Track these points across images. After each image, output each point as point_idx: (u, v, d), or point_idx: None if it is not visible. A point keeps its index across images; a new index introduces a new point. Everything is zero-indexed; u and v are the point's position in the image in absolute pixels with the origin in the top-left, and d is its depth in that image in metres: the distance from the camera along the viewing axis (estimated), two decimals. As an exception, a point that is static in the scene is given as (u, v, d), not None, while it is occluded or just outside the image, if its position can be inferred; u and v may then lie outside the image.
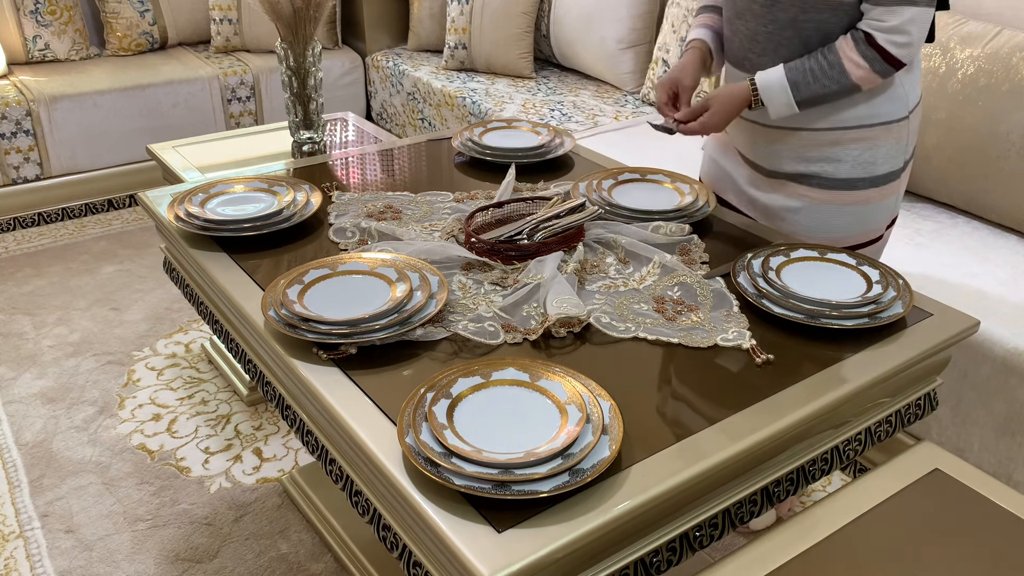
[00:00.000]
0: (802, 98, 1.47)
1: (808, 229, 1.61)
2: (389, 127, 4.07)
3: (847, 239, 1.61)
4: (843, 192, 1.56)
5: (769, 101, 1.49)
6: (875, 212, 1.60)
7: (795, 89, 1.46)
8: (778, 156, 1.60)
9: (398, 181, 1.82)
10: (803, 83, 1.46)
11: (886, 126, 1.52)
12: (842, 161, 1.54)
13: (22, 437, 2.28)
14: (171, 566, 1.89)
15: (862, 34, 1.43)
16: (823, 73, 1.45)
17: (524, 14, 3.60)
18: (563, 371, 1.12)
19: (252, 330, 1.31)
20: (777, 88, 1.48)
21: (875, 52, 1.42)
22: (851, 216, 1.59)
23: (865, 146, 1.53)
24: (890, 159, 1.55)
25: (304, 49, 2.13)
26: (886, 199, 1.59)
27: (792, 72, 1.47)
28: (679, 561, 1.07)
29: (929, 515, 1.17)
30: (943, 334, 1.29)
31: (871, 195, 1.57)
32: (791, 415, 1.11)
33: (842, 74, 1.44)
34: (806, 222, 1.61)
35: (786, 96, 1.47)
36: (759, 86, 1.49)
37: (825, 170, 1.56)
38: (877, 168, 1.55)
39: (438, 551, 0.96)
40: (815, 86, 1.46)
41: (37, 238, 3.37)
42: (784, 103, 1.48)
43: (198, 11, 3.95)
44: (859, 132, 1.52)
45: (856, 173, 1.55)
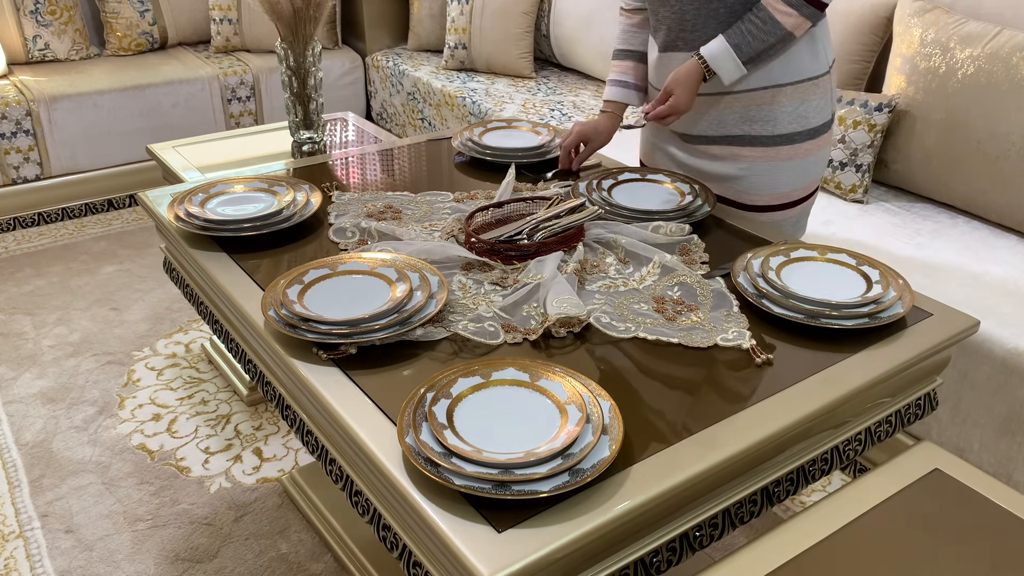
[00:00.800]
0: (747, 57, 1.58)
1: (755, 188, 1.71)
2: (389, 127, 4.07)
3: (792, 193, 1.73)
4: (783, 147, 1.68)
5: (719, 68, 1.59)
6: (813, 164, 1.72)
7: (739, 51, 1.57)
8: (722, 121, 1.69)
9: (398, 181, 1.82)
10: (744, 44, 1.57)
11: (813, 81, 1.66)
12: (778, 119, 1.66)
13: (22, 437, 2.28)
14: (171, 566, 1.89)
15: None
16: (759, 29, 1.56)
17: (524, 14, 3.60)
18: (563, 371, 1.12)
19: (252, 330, 1.31)
20: (723, 55, 1.58)
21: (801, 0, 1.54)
22: (793, 170, 1.70)
23: (797, 101, 1.65)
24: (820, 112, 1.69)
25: (304, 49, 2.13)
26: (822, 149, 1.72)
27: (732, 37, 1.58)
28: (679, 561, 1.07)
29: (929, 515, 1.17)
30: (943, 334, 1.29)
31: (809, 147, 1.69)
32: (791, 415, 1.11)
33: (776, 26, 1.55)
34: (754, 180, 1.71)
35: (733, 60, 1.58)
36: (707, 58, 1.59)
37: (764, 128, 1.67)
38: (810, 121, 1.67)
39: (438, 551, 0.96)
40: (755, 43, 1.57)
41: (37, 238, 3.37)
42: (733, 67, 1.59)
43: (198, 11, 3.95)
44: (791, 89, 1.64)
45: (792, 127, 1.67)
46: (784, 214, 1.75)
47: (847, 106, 2.48)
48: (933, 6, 2.43)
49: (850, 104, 2.48)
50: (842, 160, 2.49)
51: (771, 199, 1.72)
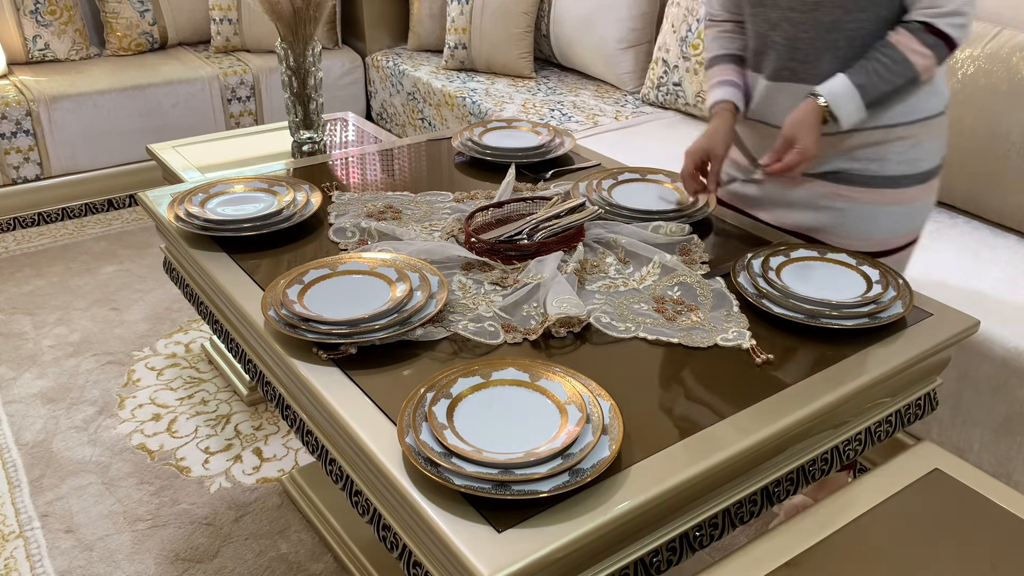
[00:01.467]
0: (871, 99, 1.43)
1: (849, 232, 1.56)
2: (389, 127, 4.07)
3: (890, 241, 1.56)
4: (886, 190, 1.52)
5: (839, 110, 1.43)
6: (918, 212, 1.57)
7: (863, 92, 1.42)
8: (823, 156, 1.53)
9: (398, 181, 1.82)
10: (870, 85, 1.42)
11: (927, 122, 1.51)
12: (886, 159, 1.51)
13: (22, 437, 2.28)
14: (171, 566, 1.89)
15: (918, 24, 1.40)
16: (887, 70, 1.41)
17: (524, 14, 3.60)
18: (563, 371, 1.12)
19: (252, 330, 1.31)
20: (846, 96, 1.42)
21: (936, 38, 1.40)
22: (894, 217, 1.55)
23: (909, 143, 1.51)
24: (932, 155, 1.54)
25: (304, 49, 2.13)
26: (928, 196, 1.56)
27: (857, 76, 1.42)
28: (679, 561, 1.07)
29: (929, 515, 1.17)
30: (943, 334, 1.29)
31: (915, 193, 1.54)
32: (791, 415, 1.11)
33: (907, 67, 1.41)
34: (849, 225, 1.55)
35: (856, 102, 1.43)
36: (828, 99, 1.43)
37: (868, 167, 1.52)
38: (921, 164, 1.52)
39: (438, 551, 0.96)
40: (882, 85, 1.42)
41: (37, 238, 3.37)
42: (855, 109, 1.43)
43: (198, 11, 3.95)
44: (904, 130, 1.50)
45: (901, 170, 1.51)
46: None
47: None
48: (933, 6, 2.43)
49: (850, 104, 2.47)
50: (842, 160, 2.49)
51: (865, 245, 1.55)
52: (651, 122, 3.15)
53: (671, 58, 3.17)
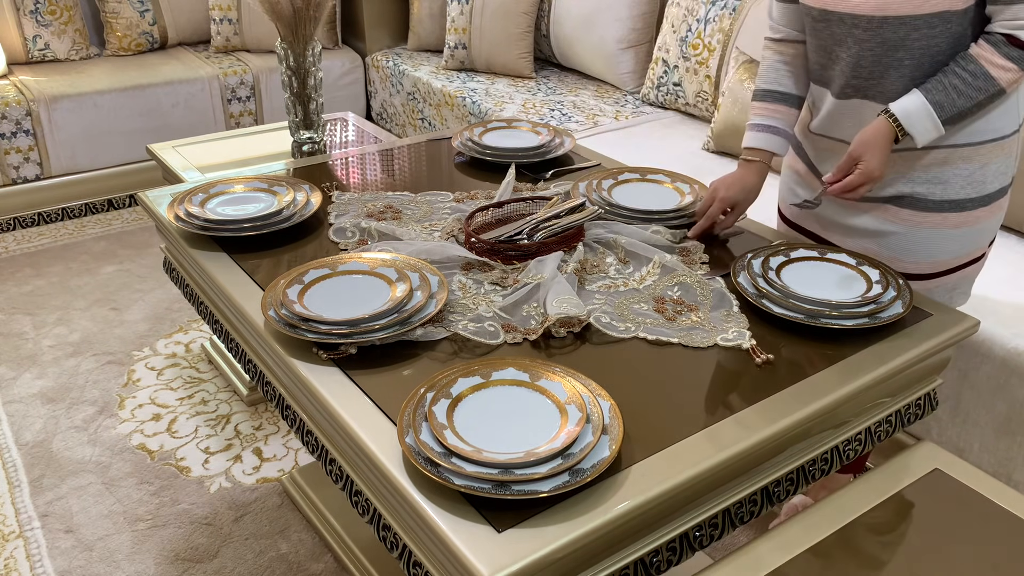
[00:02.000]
0: (948, 117, 1.35)
1: (909, 254, 1.49)
2: (389, 127, 4.07)
3: (952, 261, 1.50)
4: (950, 214, 1.44)
5: (913, 129, 1.35)
6: (983, 232, 1.49)
7: (940, 110, 1.34)
8: (884, 182, 1.47)
9: (398, 181, 1.82)
10: (947, 102, 1.34)
11: (997, 142, 1.42)
12: (950, 182, 1.43)
13: (22, 437, 2.28)
14: (171, 566, 1.89)
15: (1000, 36, 1.32)
16: (968, 85, 1.33)
17: (524, 14, 3.60)
18: (563, 371, 1.12)
19: (252, 330, 1.31)
20: (920, 114, 1.35)
21: (1021, 51, 1.32)
22: (958, 240, 1.47)
23: (976, 165, 1.42)
24: (1000, 176, 1.45)
25: (304, 49, 2.13)
26: (995, 216, 1.48)
27: (933, 93, 1.34)
28: (679, 561, 1.07)
29: (929, 515, 1.17)
30: (943, 334, 1.29)
31: (980, 215, 1.45)
32: (791, 415, 1.11)
33: (989, 81, 1.32)
34: (910, 246, 1.49)
35: (932, 120, 1.35)
36: (900, 117, 1.36)
37: (931, 191, 1.44)
38: (987, 186, 1.44)
39: (438, 551, 0.96)
40: (961, 101, 1.33)
41: (37, 238, 3.37)
42: (931, 127, 1.35)
43: (198, 11, 3.95)
44: (969, 150, 1.41)
45: (965, 193, 1.43)
46: (937, 281, 1.51)
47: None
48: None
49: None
50: (842, 160, 2.49)
51: (927, 267, 1.49)
52: (651, 122, 3.15)
53: (671, 58, 3.17)
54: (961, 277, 1.53)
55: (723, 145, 2.81)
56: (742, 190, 1.54)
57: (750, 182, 1.55)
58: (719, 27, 2.99)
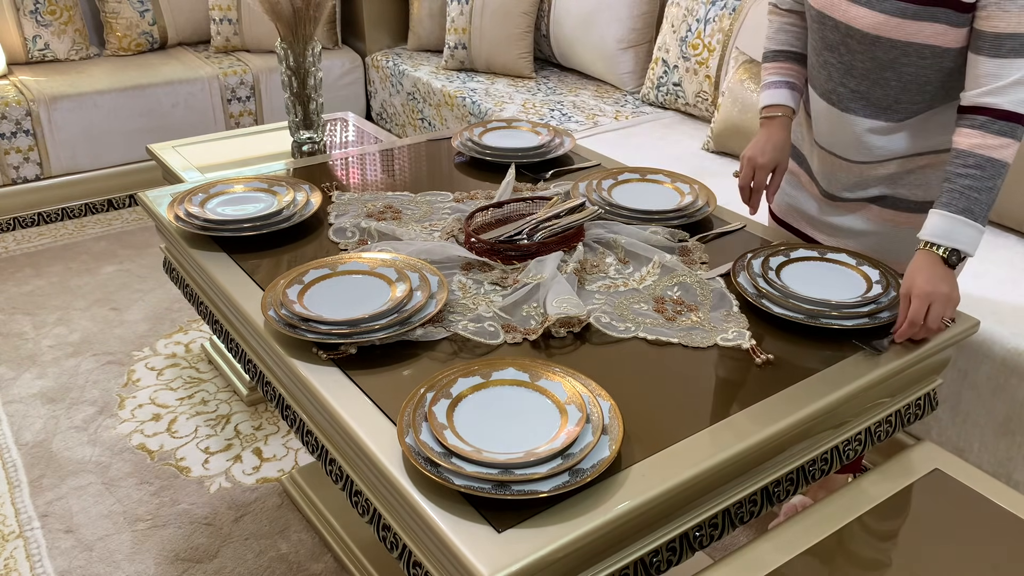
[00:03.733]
0: (980, 216, 1.28)
1: (892, 253, 1.52)
2: (389, 127, 4.07)
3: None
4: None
5: (957, 241, 1.28)
6: None
7: (970, 215, 1.28)
8: (863, 182, 1.51)
9: (398, 181, 1.82)
10: (973, 205, 1.28)
11: None
12: (930, 184, 1.46)
13: (22, 437, 2.28)
14: (171, 566, 1.89)
15: (984, 115, 1.29)
16: (980, 180, 1.28)
17: (524, 14, 3.60)
18: (563, 371, 1.12)
19: (252, 330, 1.31)
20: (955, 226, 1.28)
21: (1010, 123, 1.28)
22: None
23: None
24: None
25: (304, 49, 2.13)
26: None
27: (954, 204, 1.29)
28: (679, 561, 1.07)
29: (929, 515, 1.17)
30: (943, 334, 1.29)
31: None
32: (791, 415, 1.11)
33: (997, 165, 1.28)
34: (892, 245, 1.52)
35: (969, 225, 1.28)
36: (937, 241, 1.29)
37: (913, 193, 1.48)
38: None
39: (438, 551, 0.96)
40: (983, 196, 1.28)
41: (37, 238, 3.37)
42: (973, 232, 1.29)
43: (198, 11, 3.95)
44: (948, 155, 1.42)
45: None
46: None
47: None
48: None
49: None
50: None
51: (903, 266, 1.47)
52: (651, 122, 3.15)
53: (671, 58, 3.17)
54: None
55: (723, 145, 2.81)
56: (775, 148, 1.52)
57: (780, 139, 1.52)
58: (719, 27, 2.99)
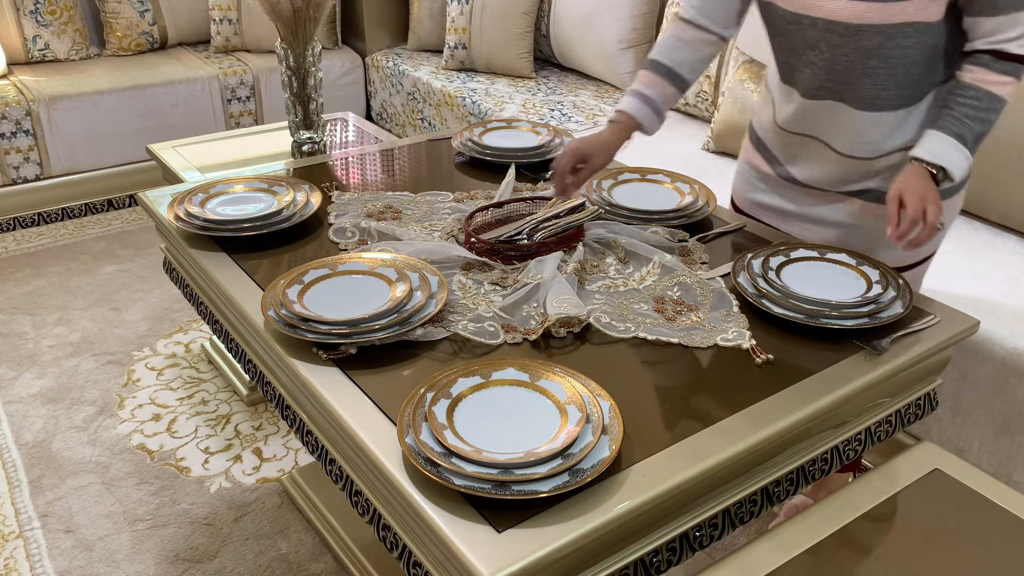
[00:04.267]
0: (971, 143, 1.36)
1: (875, 247, 1.53)
2: (389, 127, 4.07)
3: (917, 254, 1.55)
4: None
5: (946, 161, 1.35)
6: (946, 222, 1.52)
7: (962, 140, 1.35)
8: (847, 176, 1.53)
9: (398, 181, 1.82)
10: (966, 131, 1.35)
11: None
12: None
13: (22, 437, 2.28)
14: (171, 566, 1.89)
15: (987, 54, 1.34)
16: (977, 110, 1.34)
17: (524, 14, 3.60)
18: (563, 371, 1.12)
19: (252, 330, 1.31)
20: (946, 147, 1.35)
21: (1011, 63, 1.33)
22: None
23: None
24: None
25: (304, 49, 2.13)
26: (954, 209, 1.53)
27: (948, 128, 1.35)
28: (679, 561, 1.07)
29: (929, 515, 1.17)
30: (943, 334, 1.29)
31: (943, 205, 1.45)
32: (791, 415, 1.11)
33: (994, 100, 1.34)
34: (872, 236, 1.53)
35: (959, 150, 1.35)
36: (928, 160, 1.35)
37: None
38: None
39: (438, 551, 0.96)
40: (977, 126, 1.35)
41: (37, 238, 3.37)
42: (961, 157, 1.35)
43: (198, 11, 3.95)
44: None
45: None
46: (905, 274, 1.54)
47: (847, 106, 2.47)
48: (933, 6, 2.43)
49: (850, 104, 2.47)
50: (842, 160, 2.49)
51: (892, 261, 1.53)
52: (651, 122, 3.15)
53: (671, 58, 3.17)
54: (914, 274, 1.58)
55: (723, 145, 2.81)
56: (598, 144, 1.54)
57: (608, 140, 1.55)
58: (719, 27, 2.99)
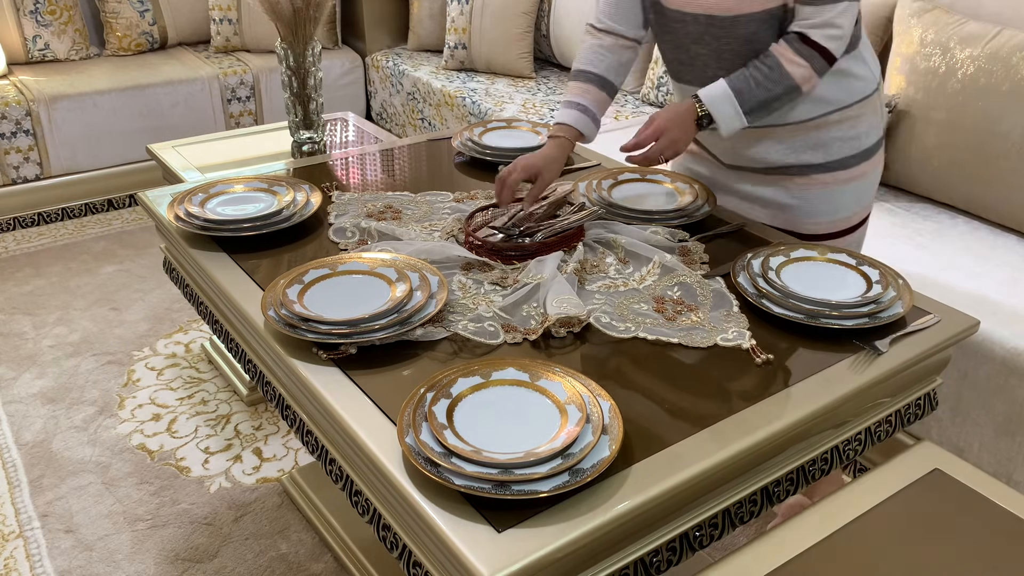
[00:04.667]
0: (748, 107, 1.46)
1: (812, 215, 1.62)
2: (389, 127, 4.07)
3: (852, 218, 1.64)
4: (838, 172, 1.58)
5: (716, 112, 1.47)
6: (870, 186, 1.64)
7: (739, 96, 1.46)
8: (765, 154, 1.60)
9: (398, 181, 1.82)
10: (747, 90, 1.46)
11: (861, 103, 1.56)
12: (829, 146, 1.57)
13: (22, 437, 2.28)
14: (171, 566, 1.89)
15: (795, 35, 1.45)
16: (765, 77, 1.45)
17: (524, 14, 3.60)
18: (563, 371, 1.12)
19: (252, 330, 1.31)
20: (722, 98, 1.47)
21: (811, 49, 1.44)
22: (851, 194, 1.61)
23: (847, 126, 1.56)
24: (872, 131, 1.60)
25: (304, 49, 2.13)
26: (876, 170, 1.64)
27: (734, 81, 1.47)
28: (679, 561, 1.07)
29: (929, 515, 1.17)
30: (943, 334, 1.29)
31: (864, 169, 1.61)
32: (791, 415, 1.11)
33: (783, 75, 1.45)
34: (809, 208, 1.62)
35: (732, 105, 1.46)
36: (704, 100, 1.48)
37: (815, 156, 1.58)
38: (863, 142, 1.59)
39: (438, 551, 0.96)
40: (758, 91, 1.45)
41: (37, 238, 3.37)
42: (732, 112, 1.47)
43: (198, 11, 3.95)
44: (840, 114, 1.55)
45: (845, 152, 1.57)
46: (844, 240, 1.64)
47: (847, 106, 2.48)
48: (933, 6, 2.43)
49: (850, 104, 2.47)
50: (842, 160, 2.49)
51: (829, 226, 1.62)
52: (651, 122, 3.15)
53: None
54: (858, 237, 1.68)
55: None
56: (544, 158, 1.58)
57: (552, 154, 1.59)
58: (719, 27, 2.99)
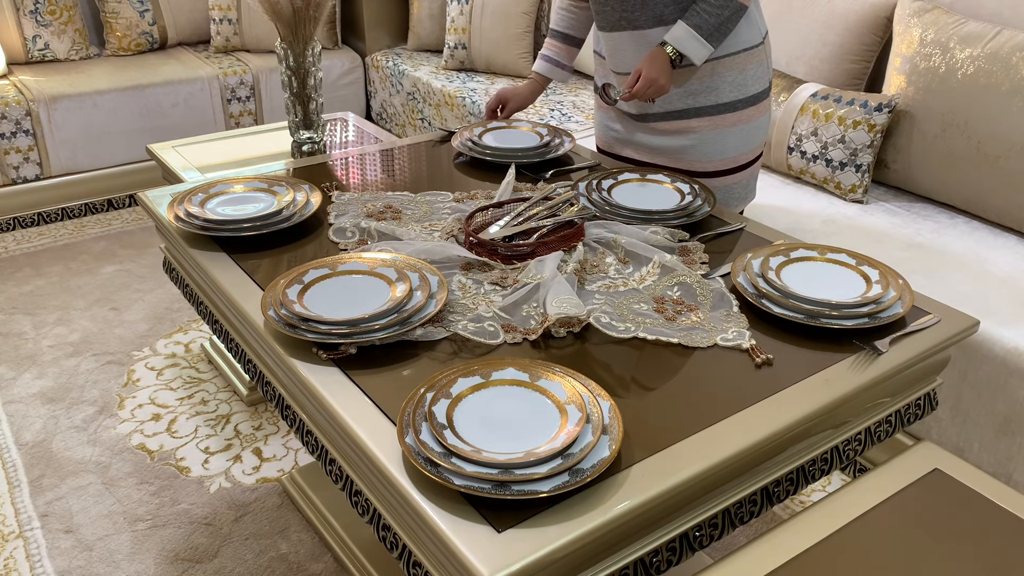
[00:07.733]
0: (708, 35, 1.71)
1: (706, 155, 1.87)
2: (389, 127, 4.07)
3: (739, 158, 1.90)
4: (727, 115, 1.84)
5: (686, 50, 1.72)
6: (756, 129, 1.90)
7: (699, 30, 1.71)
8: (668, 98, 1.84)
9: (398, 181, 1.82)
10: (703, 22, 1.70)
11: (749, 52, 1.82)
12: (719, 89, 1.82)
13: (22, 437, 2.28)
14: (171, 566, 1.89)
15: None
16: (712, 6, 1.70)
17: (524, 14, 3.60)
18: (563, 371, 1.12)
19: (252, 330, 1.31)
20: (687, 37, 1.71)
21: None
22: (737, 136, 1.87)
23: (736, 72, 1.81)
24: (757, 80, 1.85)
25: (304, 49, 2.13)
26: (763, 116, 1.90)
27: (690, 19, 1.71)
28: (679, 561, 1.07)
29: (929, 515, 1.17)
30: (943, 334, 1.29)
31: (750, 113, 1.86)
32: (791, 415, 1.11)
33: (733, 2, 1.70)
34: (703, 148, 1.87)
35: (697, 40, 1.71)
36: (672, 43, 1.72)
37: (707, 99, 1.83)
38: (749, 88, 1.84)
39: (438, 551, 0.96)
40: (712, 19, 1.70)
41: (37, 238, 3.37)
42: (699, 45, 1.72)
43: (198, 11, 3.95)
44: (730, 60, 1.80)
45: (733, 96, 1.83)
46: (734, 178, 1.91)
47: (847, 106, 2.48)
48: (933, 6, 2.43)
49: (850, 104, 2.47)
50: (842, 160, 2.49)
51: (720, 164, 1.88)
52: (651, 122, 3.15)
53: (671, 58, 3.17)
54: (749, 175, 1.96)
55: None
56: (513, 91, 2.10)
57: (524, 90, 2.10)
58: (719, 27, 2.99)
